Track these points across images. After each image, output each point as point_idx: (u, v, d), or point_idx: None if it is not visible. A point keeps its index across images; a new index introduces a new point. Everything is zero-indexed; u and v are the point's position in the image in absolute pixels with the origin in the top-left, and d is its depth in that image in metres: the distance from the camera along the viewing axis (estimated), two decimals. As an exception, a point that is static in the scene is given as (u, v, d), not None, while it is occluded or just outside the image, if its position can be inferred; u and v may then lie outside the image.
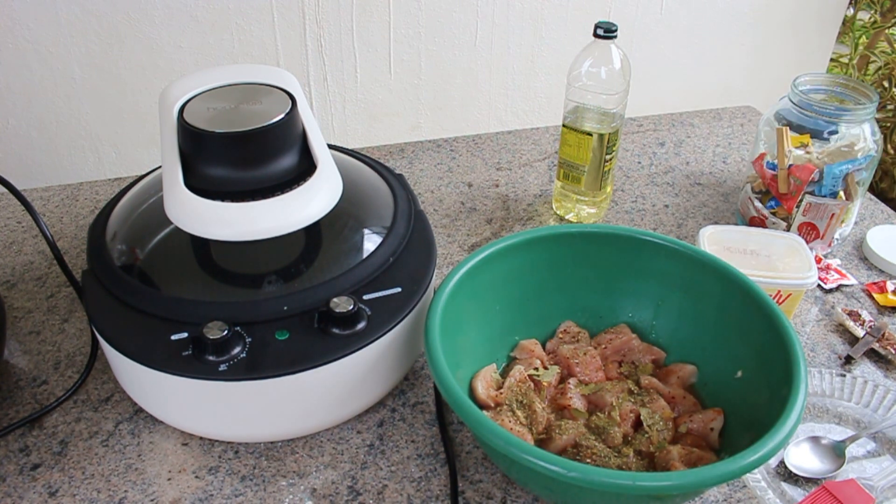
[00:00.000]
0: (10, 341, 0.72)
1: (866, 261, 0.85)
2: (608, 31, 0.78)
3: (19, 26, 1.05)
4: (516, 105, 1.40)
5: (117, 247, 0.64)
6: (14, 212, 0.91)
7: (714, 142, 1.10)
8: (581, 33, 1.32)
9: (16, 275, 0.81)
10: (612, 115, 0.82)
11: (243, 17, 1.14)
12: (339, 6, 1.18)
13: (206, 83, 0.67)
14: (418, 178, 1.00)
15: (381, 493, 0.58)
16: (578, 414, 0.61)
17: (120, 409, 0.65)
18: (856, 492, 0.57)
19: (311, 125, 0.66)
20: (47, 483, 0.59)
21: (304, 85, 1.24)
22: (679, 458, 0.56)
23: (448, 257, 0.84)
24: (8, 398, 0.66)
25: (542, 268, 0.67)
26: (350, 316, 0.57)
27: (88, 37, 1.08)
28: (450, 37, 1.28)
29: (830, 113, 0.81)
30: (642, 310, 0.68)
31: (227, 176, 0.61)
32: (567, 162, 0.86)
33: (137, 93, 1.15)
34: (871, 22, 1.60)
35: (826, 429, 0.64)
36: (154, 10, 1.10)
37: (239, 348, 0.55)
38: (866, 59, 1.62)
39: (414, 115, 1.35)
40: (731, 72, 1.53)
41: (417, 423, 0.64)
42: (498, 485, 0.59)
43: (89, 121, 1.16)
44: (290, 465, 0.60)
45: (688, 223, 0.91)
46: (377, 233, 0.66)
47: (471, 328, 0.63)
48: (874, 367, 0.71)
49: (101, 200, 0.94)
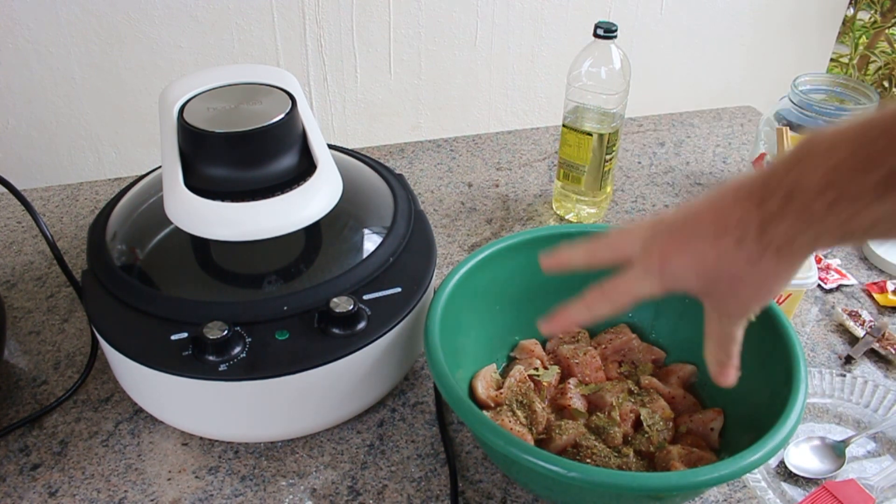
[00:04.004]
0: (10, 341, 0.72)
1: (866, 261, 0.85)
2: (608, 31, 0.78)
3: (19, 26, 1.05)
4: (516, 105, 1.40)
5: (117, 247, 0.64)
6: (14, 212, 0.91)
7: (714, 142, 1.10)
8: (581, 33, 1.32)
9: (16, 275, 0.81)
10: (612, 115, 0.82)
11: (243, 17, 1.14)
12: (339, 6, 1.18)
13: (206, 83, 0.67)
14: (418, 178, 1.00)
15: (381, 493, 0.58)
16: (578, 414, 0.61)
17: (120, 409, 0.65)
18: (856, 492, 0.57)
19: (311, 125, 0.66)
20: (47, 483, 0.59)
21: (304, 85, 1.24)
22: (679, 458, 0.56)
23: (448, 257, 0.84)
24: (8, 398, 0.66)
25: (542, 268, 0.67)
26: (350, 316, 0.57)
27: (88, 37, 1.08)
28: (450, 37, 1.28)
29: (830, 113, 0.81)
30: (642, 310, 0.68)
31: (227, 176, 0.61)
32: (567, 162, 0.86)
33: (137, 93, 1.15)
34: (871, 22, 1.60)
35: (826, 429, 0.64)
36: (154, 10, 1.10)
37: (239, 348, 0.55)
38: (866, 59, 1.62)
39: (414, 115, 1.35)
40: (731, 72, 1.53)
41: (417, 423, 0.64)
42: (498, 485, 0.59)
43: (89, 121, 1.16)
44: (290, 465, 0.60)
45: (688, 223, 0.91)
46: (377, 233, 0.66)
47: (471, 328, 0.63)
48: (874, 367, 0.71)
49: (101, 200, 0.94)
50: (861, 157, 0.34)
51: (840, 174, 0.34)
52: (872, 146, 0.33)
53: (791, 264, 0.40)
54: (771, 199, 0.37)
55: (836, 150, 0.35)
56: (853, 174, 0.34)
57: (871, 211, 0.34)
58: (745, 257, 0.39)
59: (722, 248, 0.40)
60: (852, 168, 0.34)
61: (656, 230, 0.44)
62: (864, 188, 0.34)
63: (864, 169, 0.34)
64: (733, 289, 0.42)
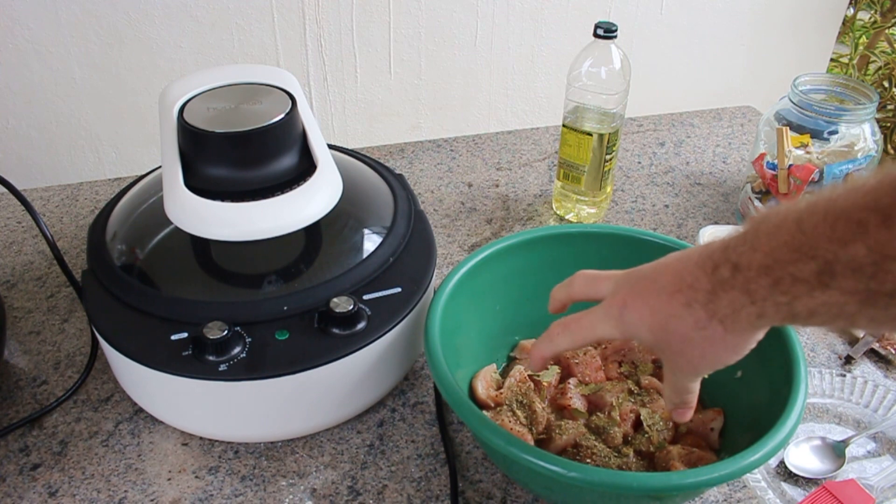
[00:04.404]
0: (10, 341, 0.72)
1: (866, 261, 0.85)
2: (608, 31, 0.78)
3: (19, 26, 1.05)
4: (516, 105, 1.40)
5: (117, 247, 0.64)
6: (14, 212, 0.91)
7: (714, 142, 1.10)
8: (581, 33, 1.32)
9: (16, 275, 0.81)
10: (612, 115, 0.82)
11: (243, 17, 1.14)
12: (339, 6, 1.18)
13: (206, 83, 0.67)
14: (418, 178, 1.00)
15: (381, 493, 0.58)
16: (578, 414, 0.61)
17: (120, 409, 0.65)
18: (856, 492, 0.57)
19: (311, 125, 0.66)
20: (47, 483, 0.59)
21: (304, 85, 1.24)
22: (679, 458, 0.56)
23: (448, 257, 0.84)
24: (8, 398, 0.66)
25: (542, 268, 0.67)
26: (350, 316, 0.57)
27: (88, 37, 1.08)
28: (450, 37, 1.28)
29: (830, 113, 0.81)
30: (642, 310, 0.68)
31: (227, 176, 0.61)
32: (567, 162, 0.86)
33: (137, 93, 1.15)
34: (871, 22, 1.59)
35: (826, 429, 0.64)
36: (154, 10, 1.10)
37: (239, 348, 0.55)
38: (866, 59, 1.62)
39: (414, 115, 1.35)
40: (731, 72, 1.53)
41: (417, 423, 0.64)
42: (498, 485, 0.59)
43: (89, 121, 1.16)
44: (290, 465, 0.60)
45: (688, 223, 0.91)
46: (377, 233, 0.66)
47: (471, 328, 0.63)
48: (874, 367, 0.71)
49: (101, 200, 0.94)
50: (798, 243, 0.33)
51: (779, 258, 0.34)
52: (812, 233, 0.33)
53: (738, 336, 0.40)
54: (722, 268, 0.38)
55: (779, 232, 0.34)
56: (791, 260, 0.33)
57: (813, 298, 0.33)
58: (693, 321, 0.40)
59: (673, 308, 0.41)
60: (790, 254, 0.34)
61: (627, 278, 0.45)
62: (804, 275, 0.33)
63: (799, 258, 0.33)
64: (682, 349, 0.42)
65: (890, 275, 0.30)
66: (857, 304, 0.32)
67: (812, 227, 0.33)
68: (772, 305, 0.35)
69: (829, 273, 0.32)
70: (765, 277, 0.35)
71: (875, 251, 0.30)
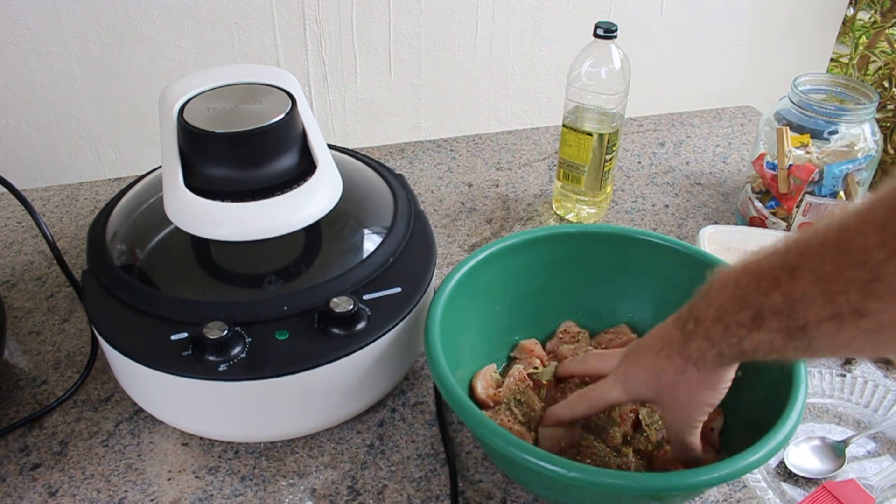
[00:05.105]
0: (10, 341, 0.72)
1: (866, 261, 0.85)
2: (608, 31, 0.78)
3: (19, 26, 1.05)
4: (516, 105, 1.40)
5: (117, 247, 0.64)
6: (14, 212, 0.91)
7: (714, 142, 1.10)
8: (581, 33, 1.32)
9: (16, 275, 0.81)
10: (612, 115, 0.82)
11: (243, 17, 1.14)
12: (339, 6, 1.18)
13: (206, 83, 0.67)
14: (418, 178, 1.00)
15: (381, 493, 0.58)
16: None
17: (120, 409, 0.65)
18: (856, 492, 0.57)
19: (311, 125, 0.66)
20: (47, 483, 0.59)
21: (304, 85, 1.24)
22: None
23: (448, 257, 0.84)
24: (8, 398, 0.66)
25: (542, 268, 0.67)
26: (350, 316, 0.57)
27: (88, 37, 1.08)
28: (450, 37, 1.28)
29: (830, 113, 0.81)
30: (642, 310, 0.68)
31: (227, 176, 0.61)
32: (567, 162, 0.86)
33: (137, 93, 1.15)
34: (871, 22, 1.59)
35: (826, 429, 0.64)
36: (154, 10, 1.10)
37: (239, 348, 0.55)
38: (866, 59, 1.62)
39: (414, 115, 1.35)
40: (731, 72, 1.53)
41: (417, 423, 0.64)
42: (498, 485, 0.59)
43: (89, 121, 1.16)
44: (290, 465, 0.60)
45: (688, 223, 0.91)
46: (377, 233, 0.66)
47: (471, 328, 0.63)
48: (874, 367, 0.71)
49: (101, 200, 0.94)
50: (737, 297, 0.43)
51: (726, 309, 0.44)
52: (746, 288, 0.42)
53: (711, 374, 0.48)
54: (688, 322, 0.47)
55: (725, 289, 0.44)
56: (734, 310, 0.43)
57: (752, 338, 0.42)
58: (674, 368, 0.49)
59: (660, 362, 0.50)
60: (733, 305, 0.43)
61: (627, 351, 0.55)
62: (743, 320, 0.42)
63: (740, 308, 0.42)
64: (673, 396, 0.51)
65: (799, 313, 0.38)
66: (783, 339, 0.40)
67: (745, 283, 0.42)
68: (727, 346, 0.44)
69: (759, 317, 0.41)
70: (718, 325, 0.44)
71: (787, 297, 0.39)
